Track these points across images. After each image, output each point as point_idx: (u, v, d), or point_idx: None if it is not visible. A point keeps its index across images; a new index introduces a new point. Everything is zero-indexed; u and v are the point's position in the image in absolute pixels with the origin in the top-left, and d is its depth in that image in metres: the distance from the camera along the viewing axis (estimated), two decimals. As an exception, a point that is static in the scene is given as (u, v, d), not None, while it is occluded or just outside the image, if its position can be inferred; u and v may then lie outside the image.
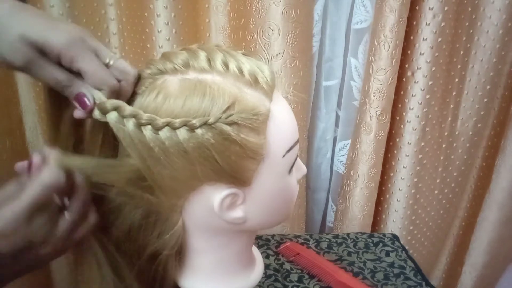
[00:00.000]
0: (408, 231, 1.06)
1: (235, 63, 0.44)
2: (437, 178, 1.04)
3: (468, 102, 0.98)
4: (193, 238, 0.51)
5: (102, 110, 0.42)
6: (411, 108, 0.94)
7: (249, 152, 0.43)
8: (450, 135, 1.00)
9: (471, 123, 1.00)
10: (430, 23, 0.86)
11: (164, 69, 0.45)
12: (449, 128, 1.00)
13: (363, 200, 1.02)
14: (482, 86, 0.96)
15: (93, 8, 0.82)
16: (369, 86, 0.93)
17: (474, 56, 0.95)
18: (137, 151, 0.42)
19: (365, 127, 0.96)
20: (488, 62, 0.94)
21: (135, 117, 0.41)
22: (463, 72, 0.96)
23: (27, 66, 0.40)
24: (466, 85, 0.97)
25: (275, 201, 0.50)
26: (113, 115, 0.41)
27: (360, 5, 0.93)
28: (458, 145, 1.02)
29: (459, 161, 1.04)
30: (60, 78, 0.41)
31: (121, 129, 0.41)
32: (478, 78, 0.96)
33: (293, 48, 0.89)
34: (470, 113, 0.99)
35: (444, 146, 1.01)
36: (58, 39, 0.40)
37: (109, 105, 0.42)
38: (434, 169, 1.02)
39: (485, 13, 0.91)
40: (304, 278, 0.68)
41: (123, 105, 0.42)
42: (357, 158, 1.00)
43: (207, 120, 0.41)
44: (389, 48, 0.88)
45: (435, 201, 1.06)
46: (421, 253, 1.09)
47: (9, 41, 0.39)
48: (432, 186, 1.04)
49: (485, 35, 0.92)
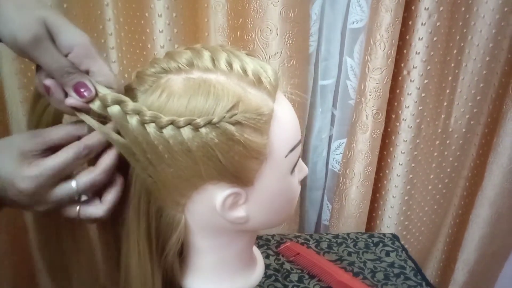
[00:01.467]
0: (403, 227, 1.07)
1: (239, 63, 0.45)
2: (431, 174, 1.05)
3: (461, 100, 1.00)
4: (195, 238, 0.52)
5: (103, 102, 0.42)
6: (407, 106, 0.95)
7: (252, 152, 0.44)
8: (443, 132, 1.02)
9: (465, 121, 1.02)
10: (425, 22, 0.87)
11: (168, 68, 0.45)
12: (442, 125, 1.01)
13: (358, 198, 1.03)
14: (475, 84, 0.98)
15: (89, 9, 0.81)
16: (365, 86, 0.94)
17: (468, 55, 0.96)
18: (141, 148, 0.42)
19: (361, 126, 0.97)
20: (481, 61, 0.96)
21: (139, 114, 0.41)
22: (457, 71, 0.97)
23: (33, 45, 0.39)
24: (460, 83, 0.98)
25: (277, 201, 0.50)
26: (116, 109, 0.41)
27: (356, 5, 0.93)
28: (451, 142, 1.04)
29: (452, 157, 1.05)
30: (64, 63, 0.40)
31: (125, 125, 0.41)
32: (471, 76, 0.97)
33: (291, 47, 0.89)
34: (463, 111, 1.01)
35: (438, 143, 1.02)
36: (74, 34, 0.41)
37: (111, 98, 0.41)
38: (428, 165, 1.04)
39: (479, 12, 0.92)
40: (304, 278, 0.68)
41: (127, 100, 0.42)
42: (353, 157, 1.01)
43: (211, 119, 0.41)
44: (385, 47, 0.89)
45: (429, 196, 1.07)
46: (416, 247, 1.11)
47: (26, 18, 0.39)
48: (426, 182, 1.06)
49: (479, 34, 0.94)
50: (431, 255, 1.19)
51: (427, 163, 1.03)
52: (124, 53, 0.86)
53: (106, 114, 0.42)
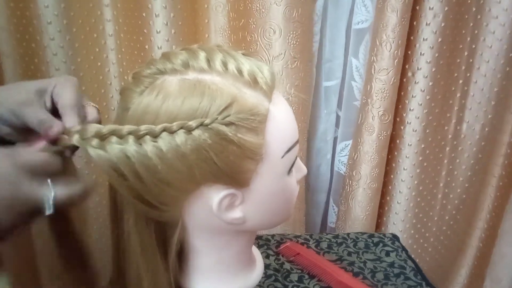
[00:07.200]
0: (409, 235, 1.04)
1: (235, 63, 0.45)
2: (440, 182, 1.01)
3: (474, 105, 0.96)
4: (193, 238, 0.52)
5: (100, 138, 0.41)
6: (411, 109, 0.93)
7: (248, 152, 0.44)
8: (454, 138, 0.98)
9: (478, 127, 0.97)
10: (430, 23, 0.85)
11: (164, 69, 0.45)
12: (453, 130, 0.97)
13: (365, 201, 1.01)
14: (489, 88, 0.93)
15: (88, 9, 0.83)
16: (371, 87, 0.92)
17: (480, 57, 0.92)
18: (132, 170, 0.41)
19: (368, 128, 0.96)
20: (495, 64, 0.91)
21: (133, 133, 0.41)
22: (468, 74, 0.93)
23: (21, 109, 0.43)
24: (472, 87, 0.94)
25: (274, 202, 0.50)
26: (114, 139, 0.41)
27: (360, 5, 0.93)
28: (464, 149, 0.99)
29: (465, 165, 1.01)
30: (42, 117, 0.43)
31: (122, 155, 0.41)
32: (485, 80, 0.93)
33: (295, 48, 0.89)
34: (477, 116, 0.96)
35: (448, 149, 0.99)
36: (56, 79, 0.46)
37: (106, 131, 0.41)
38: (436, 173, 1.00)
39: (491, 13, 0.88)
40: (304, 278, 0.68)
41: (118, 128, 0.41)
42: (359, 159, 0.99)
43: (203, 121, 0.41)
44: (391, 48, 0.88)
45: (439, 205, 1.03)
46: (421, 256, 1.07)
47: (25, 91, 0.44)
48: (435, 190, 1.02)
49: (492, 35, 0.90)
50: (453, 272, 1.09)
51: (435, 170, 1.00)
52: (123, 55, 0.86)
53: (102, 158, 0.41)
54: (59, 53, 0.82)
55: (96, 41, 0.86)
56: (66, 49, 0.82)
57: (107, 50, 0.88)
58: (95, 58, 0.87)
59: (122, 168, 0.41)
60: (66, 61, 0.83)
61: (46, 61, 0.82)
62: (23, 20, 0.80)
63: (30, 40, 0.81)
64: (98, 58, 0.88)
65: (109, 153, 0.40)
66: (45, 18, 0.79)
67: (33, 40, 0.81)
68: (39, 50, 0.81)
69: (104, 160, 0.40)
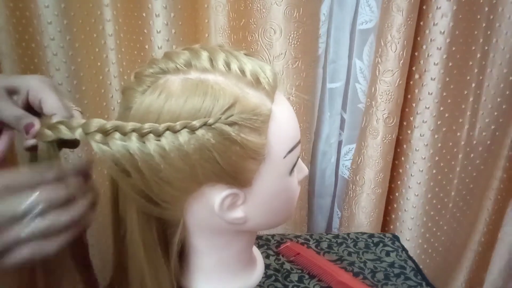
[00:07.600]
0: (417, 244, 1.00)
1: (237, 63, 0.45)
2: (452, 190, 0.97)
3: (486, 109, 0.91)
4: (194, 238, 0.52)
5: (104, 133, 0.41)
6: (418, 112, 0.89)
7: (250, 152, 0.44)
8: (467, 145, 0.94)
9: (489, 132, 0.93)
10: (438, 23, 0.81)
11: (166, 69, 0.45)
12: (466, 137, 0.93)
13: (370, 206, 0.98)
14: (500, 91, 0.89)
15: (88, 9, 0.84)
16: (375, 89, 0.89)
17: (493, 59, 0.88)
18: (135, 167, 0.41)
19: (372, 131, 0.93)
20: (507, 66, 0.87)
21: (136, 131, 0.41)
22: (481, 77, 0.89)
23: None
24: (485, 90, 0.90)
25: (276, 202, 0.50)
26: (117, 135, 0.41)
27: (365, 5, 0.90)
28: (475, 156, 0.95)
29: (476, 172, 0.96)
30: (18, 114, 0.43)
31: (125, 152, 0.41)
32: (496, 83, 0.89)
33: (296, 48, 0.87)
34: (488, 121, 0.92)
35: (461, 156, 0.94)
36: (24, 81, 0.45)
37: (109, 126, 0.40)
38: (448, 181, 0.96)
39: (504, 13, 0.84)
40: (305, 278, 0.68)
41: (122, 125, 0.41)
42: (363, 163, 0.96)
43: (206, 121, 0.41)
44: (396, 49, 0.85)
45: (449, 214, 0.99)
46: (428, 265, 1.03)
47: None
48: (446, 199, 0.97)
49: (504, 36, 0.85)
50: (454, 277, 1.07)
51: (446, 178, 0.95)
52: (123, 54, 0.86)
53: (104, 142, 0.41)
54: (59, 53, 0.82)
55: (96, 41, 0.87)
56: (66, 49, 0.82)
57: (107, 50, 0.88)
58: (95, 58, 0.88)
59: (125, 164, 0.41)
60: (66, 61, 0.83)
61: (46, 61, 0.82)
62: (23, 20, 0.80)
63: (29, 40, 0.81)
64: (98, 58, 0.88)
65: (112, 149, 0.41)
66: (45, 18, 0.79)
67: (33, 40, 0.81)
68: (39, 50, 0.82)
69: (107, 155, 0.41)
